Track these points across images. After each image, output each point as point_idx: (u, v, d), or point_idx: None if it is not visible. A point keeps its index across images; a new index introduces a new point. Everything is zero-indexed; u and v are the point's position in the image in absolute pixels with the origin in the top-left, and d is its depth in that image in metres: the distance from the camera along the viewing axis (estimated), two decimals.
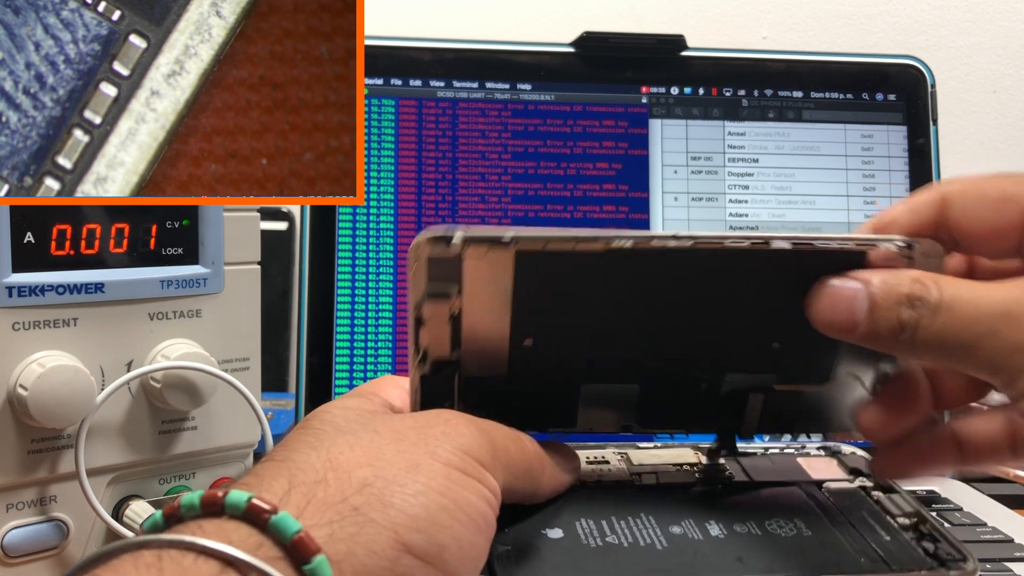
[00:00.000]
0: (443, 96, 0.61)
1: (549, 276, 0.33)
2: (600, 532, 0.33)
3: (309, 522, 0.26)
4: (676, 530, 0.34)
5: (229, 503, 0.25)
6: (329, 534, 0.26)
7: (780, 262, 0.33)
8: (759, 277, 0.34)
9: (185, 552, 0.24)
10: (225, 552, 0.24)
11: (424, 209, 0.60)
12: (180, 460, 0.46)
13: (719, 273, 0.33)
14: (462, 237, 0.31)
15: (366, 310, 0.59)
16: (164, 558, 0.24)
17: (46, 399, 0.39)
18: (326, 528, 0.26)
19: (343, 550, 0.25)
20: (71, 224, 0.42)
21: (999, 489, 0.58)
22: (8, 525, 0.41)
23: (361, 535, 0.26)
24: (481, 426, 0.31)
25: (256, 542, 0.25)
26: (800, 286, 0.33)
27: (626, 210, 0.61)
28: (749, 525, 0.34)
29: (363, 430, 0.30)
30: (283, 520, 0.25)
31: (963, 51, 0.96)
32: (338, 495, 0.27)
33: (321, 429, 0.31)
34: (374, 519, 0.26)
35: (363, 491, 0.27)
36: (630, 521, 0.34)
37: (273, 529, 0.25)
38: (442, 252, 0.31)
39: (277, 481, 0.27)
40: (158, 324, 0.44)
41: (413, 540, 0.26)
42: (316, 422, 0.31)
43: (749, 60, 0.63)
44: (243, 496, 0.25)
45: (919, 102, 0.63)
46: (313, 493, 0.27)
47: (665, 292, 0.34)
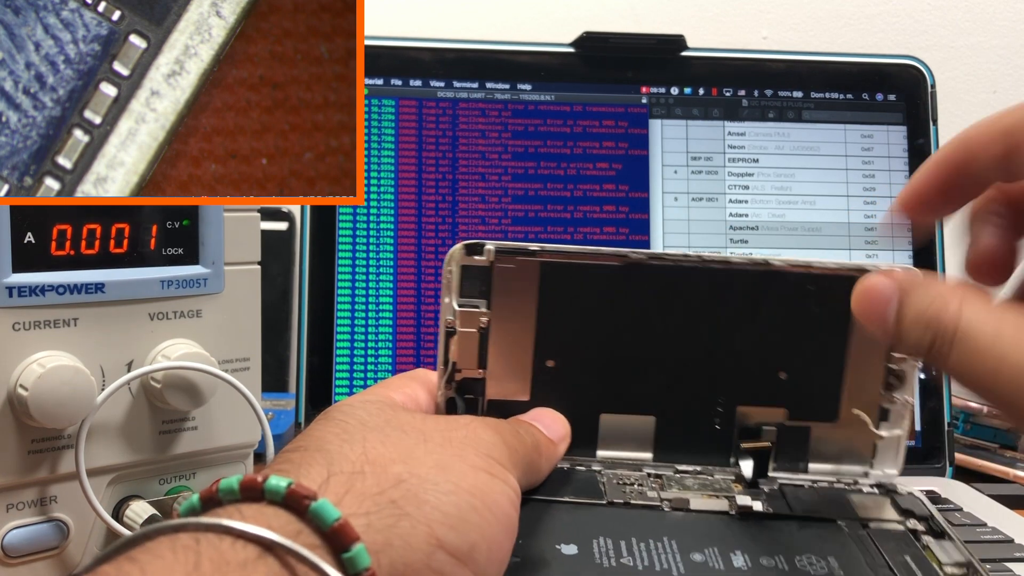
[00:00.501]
0: (443, 96, 0.61)
1: (571, 291, 0.36)
2: (617, 552, 0.32)
3: (347, 511, 0.25)
4: (697, 557, 0.32)
5: (269, 488, 0.25)
6: (367, 524, 0.26)
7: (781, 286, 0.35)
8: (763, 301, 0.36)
9: (223, 536, 0.24)
10: (265, 536, 0.24)
11: (424, 209, 0.60)
12: (180, 460, 0.46)
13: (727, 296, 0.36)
14: (493, 246, 0.35)
15: (366, 310, 0.59)
16: (202, 541, 0.24)
17: (46, 399, 0.39)
18: (363, 518, 0.26)
19: (380, 540, 0.26)
20: (71, 224, 0.42)
21: (999, 489, 0.58)
22: (8, 525, 0.41)
23: (397, 527, 0.26)
24: (495, 427, 0.32)
25: (295, 528, 0.25)
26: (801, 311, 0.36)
27: (626, 210, 0.61)
28: (777, 559, 0.32)
29: (389, 427, 0.31)
30: (323, 507, 0.25)
31: (963, 51, 0.96)
32: (375, 487, 0.27)
33: (347, 423, 0.31)
34: (410, 513, 0.26)
35: (399, 486, 0.27)
36: (650, 544, 0.33)
37: (313, 516, 0.25)
38: (474, 261, 0.35)
39: (314, 468, 0.27)
40: (158, 324, 0.44)
41: (447, 537, 0.26)
42: (340, 415, 0.31)
43: (749, 60, 0.63)
44: (283, 482, 0.25)
45: (919, 102, 0.63)
46: (351, 483, 0.27)
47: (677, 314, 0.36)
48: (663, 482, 0.37)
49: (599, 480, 0.36)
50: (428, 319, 0.59)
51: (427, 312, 0.59)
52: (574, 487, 0.36)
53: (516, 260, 0.36)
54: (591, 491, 0.35)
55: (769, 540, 0.33)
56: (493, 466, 0.30)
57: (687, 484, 0.36)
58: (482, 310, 0.36)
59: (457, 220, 0.60)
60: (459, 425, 0.31)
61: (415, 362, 0.59)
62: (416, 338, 0.59)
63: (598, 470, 0.37)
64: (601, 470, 0.37)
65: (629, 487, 0.36)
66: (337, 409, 0.32)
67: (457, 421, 0.32)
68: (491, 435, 0.31)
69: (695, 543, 0.33)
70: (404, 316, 0.59)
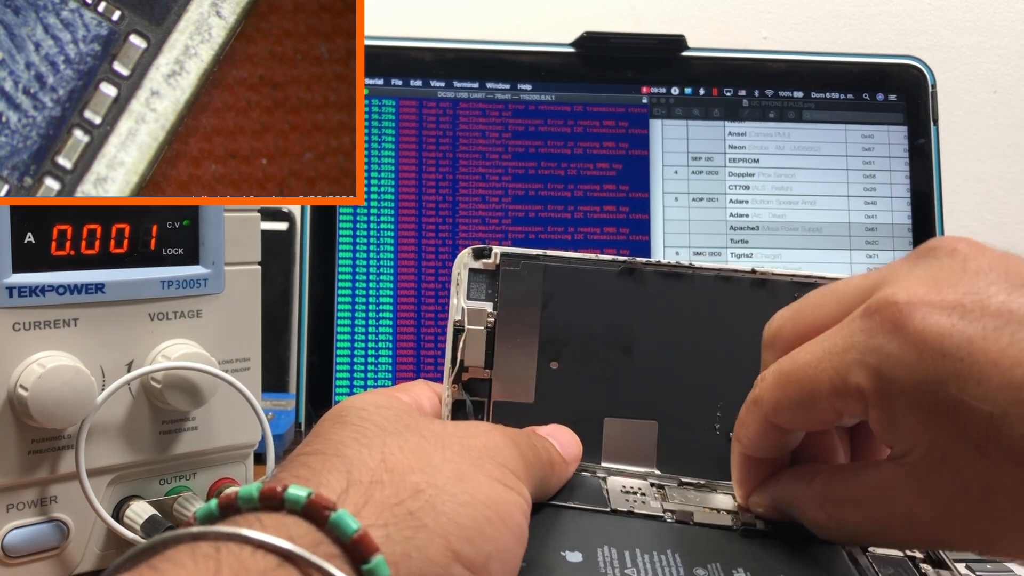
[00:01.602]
0: (444, 96, 0.61)
1: (575, 294, 0.38)
2: (621, 563, 0.32)
3: (366, 522, 0.25)
4: (700, 572, 0.32)
5: (289, 498, 0.25)
6: (385, 535, 0.26)
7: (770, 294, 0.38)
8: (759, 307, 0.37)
9: (243, 545, 0.24)
10: (285, 548, 0.24)
11: (425, 209, 0.60)
12: (180, 460, 0.46)
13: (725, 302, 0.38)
14: (500, 250, 0.38)
15: (366, 310, 0.59)
16: (222, 550, 0.23)
17: (46, 399, 0.39)
18: (382, 529, 0.26)
19: (399, 552, 0.25)
20: (71, 224, 0.42)
21: None
22: (8, 525, 0.41)
23: (416, 539, 0.26)
24: (513, 438, 0.32)
25: (315, 539, 0.25)
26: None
27: (626, 210, 0.61)
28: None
29: (407, 432, 0.30)
30: (343, 518, 0.25)
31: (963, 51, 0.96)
32: (394, 497, 0.27)
33: (363, 427, 0.30)
34: (427, 525, 0.26)
35: (416, 496, 0.27)
36: (654, 556, 0.32)
37: (332, 527, 0.25)
38: (482, 264, 0.38)
39: (334, 476, 0.27)
40: (158, 324, 0.44)
41: (463, 549, 0.26)
42: (354, 418, 0.31)
43: (750, 60, 0.63)
44: (303, 491, 0.25)
45: (919, 102, 0.63)
46: (371, 493, 0.27)
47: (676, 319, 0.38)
48: (666, 492, 0.37)
49: (603, 487, 0.36)
50: (428, 319, 0.59)
51: (427, 312, 0.59)
52: (578, 493, 0.36)
53: (521, 264, 0.38)
54: (595, 498, 0.35)
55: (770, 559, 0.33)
56: (508, 477, 0.30)
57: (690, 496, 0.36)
58: (489, 310, 0.37)
59: (457, 220, 0.60)
60: (479, 432, 0.31)
61: (415, 362, 0.59)
62: (416, 338, 0.59)
63: (603, 476, 0.37)
64: (606, 476, 0.37)
65: (632, 496, 0.36)
66: (351, 411, 0.32)
67: (477, 428, 0.32)
68: (509, 446, 0.31)
69: (698, 558, 0.32)
70: (404, 316, 0.59)
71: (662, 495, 0.37)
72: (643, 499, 0.36)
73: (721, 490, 0.37)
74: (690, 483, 0.38)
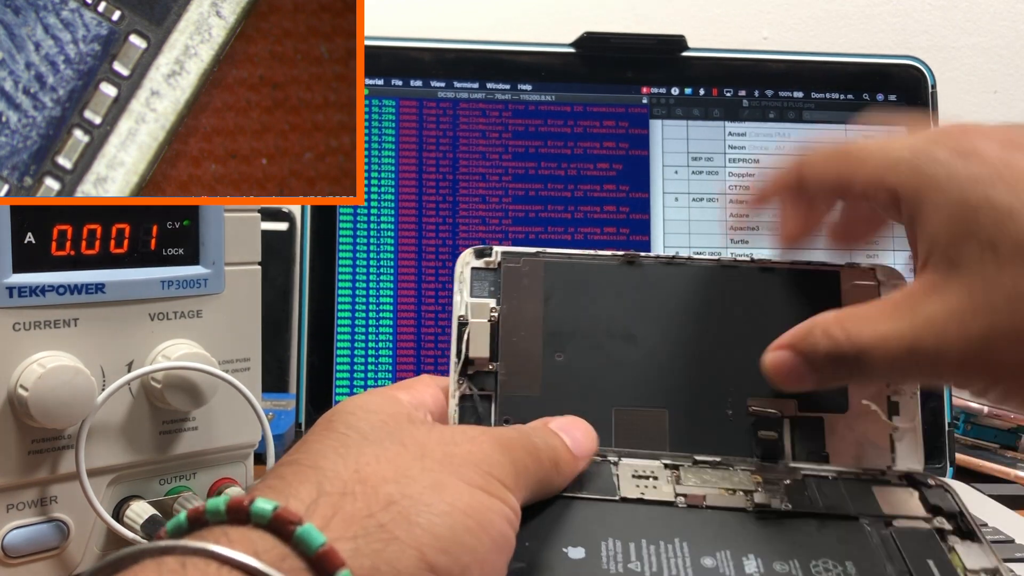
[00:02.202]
0: (444, 96, 0.61)
1: (575, 286, 0.39)
2: (625, 556, 0.31)
3: (334, 535, 0.25)
4: (708, 562, 0.31)
5: (255, 511, 0.25)
6: (354, 548, 0.25)
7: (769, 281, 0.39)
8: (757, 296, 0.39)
9: (209, 560, 0.24)
10: (248, 564, 0.24)
11: (425, 209, 0.60)
12: (180, 460, 0.46)
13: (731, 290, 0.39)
14: (501, 249, 0.39)
15: (367, 310, 0.59)
16: (188, 565, 0.23)
17: (47, 399, 0.39)
18: (351, 543, 0.25)
19: (367, 565, 0.25)
20: (71, 224, 0.42)
21: (1000, 489, 0.58)
22: (9, 525, 0.41)
23: (386, 552, 0.26)
24: (504, 443, 0.31)
25: (280, 553, 0.25)
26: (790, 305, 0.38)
27: (627, 210, 0.61)
28: (791, 564, 0.31)
29: (389, 440, 0.30)
30: (308, 532, 0.25)
31: (963, 51, 0.96)
32: (364, 510, 0.26)
33: (347, 435, 0.30)
34: (399, 537, 0.26)
35: (389, 508, 0.27)
36: (661, 547, 0.32)
37: (298, 541, 0.25)
38: (483, 263, 0.39)
39: (304, 487, 0.27)
40: (159, 324, 0.44)
41: (438, 560, 0.26)
42: (341, 426, 0.31)
43: (750, 60, 0.63)
44: (269, 505, 0.25)
45: (919, 102, 0.63)
46: (340, 506, 0.26)
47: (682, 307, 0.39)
48: (680, 474, 0.36)
49: (613, 473, 0.36)
50: (428, 319, 0.59)
51: (427, 312, 0.59)
52: (588, 481, 0.35)
53: (522, 260, 0.39)
54: (604, 485, 0.35)
55: (785, 542, 0.32)
56: (492, 484, 0.29)
57: (705, 477, 0.36)
58: (492, 307, 0.38)
59: (458, 220, 0.60)
60: (464, 439, 0.31)
61: (415, 361, 0.59)
62: (416, 338, 0.59)
63: (614, 461, 0.37)
64: (617, 460, 0.37)
65: (643, 480, 0.36)
66: (338, 418, 0.32)
67: (463, 434, 0.31)
68: (497, 452, 0.30)
69: (707, 545, 0.32)
70: (404, 316, 0.59)
71: (675, 477, 0.36)
72: (655, 483, 0.35)
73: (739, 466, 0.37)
74: (706, 461, 0.37)
